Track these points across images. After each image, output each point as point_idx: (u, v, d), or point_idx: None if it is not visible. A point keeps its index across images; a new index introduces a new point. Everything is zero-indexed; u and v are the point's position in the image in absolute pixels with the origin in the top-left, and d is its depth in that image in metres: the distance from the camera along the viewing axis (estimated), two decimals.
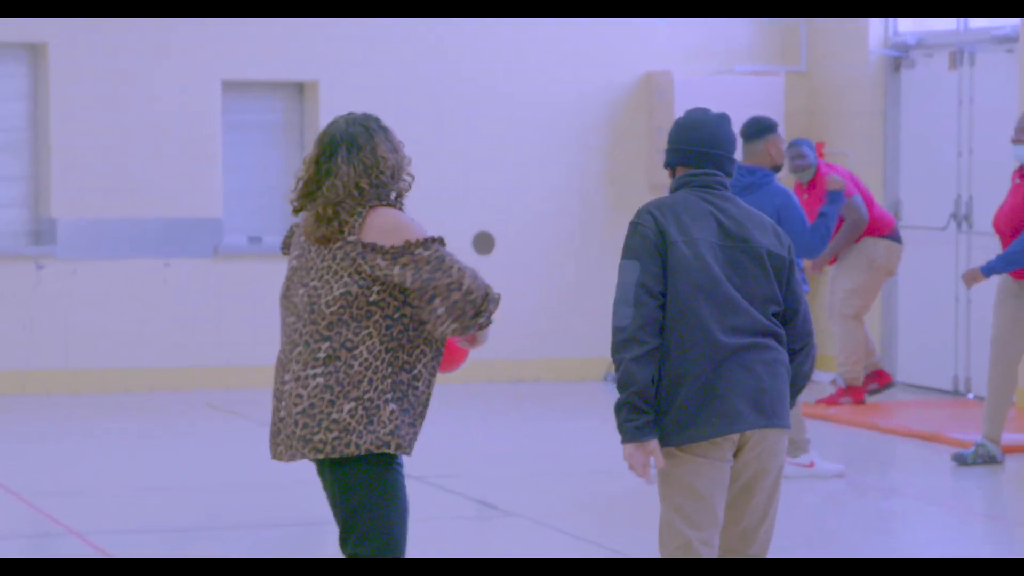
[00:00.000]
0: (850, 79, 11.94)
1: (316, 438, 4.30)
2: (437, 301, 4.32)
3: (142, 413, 10.67)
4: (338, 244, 4.34)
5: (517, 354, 11.66)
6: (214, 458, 9.24)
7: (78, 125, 11.19)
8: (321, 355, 4.31)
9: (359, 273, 4.33)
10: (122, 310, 11.22)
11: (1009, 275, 8.46)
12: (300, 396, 4.32)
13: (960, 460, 8.49)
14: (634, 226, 4.47)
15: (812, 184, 10.10)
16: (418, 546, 5.69)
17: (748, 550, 4.47)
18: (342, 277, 4.33)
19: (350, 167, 4.37)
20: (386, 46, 11.59)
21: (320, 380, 4.31)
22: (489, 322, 4.44)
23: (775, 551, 4.59)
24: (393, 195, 4.48)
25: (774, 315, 4.46)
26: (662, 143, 4.78)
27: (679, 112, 4.52)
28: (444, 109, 11.57)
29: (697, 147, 4.55)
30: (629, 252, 4.44)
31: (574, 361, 11.94)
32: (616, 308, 4.42)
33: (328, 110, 11.54)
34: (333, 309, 4.33)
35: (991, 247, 11.06)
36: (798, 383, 4.54)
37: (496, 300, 4.47)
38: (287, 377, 4.37)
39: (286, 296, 4.47)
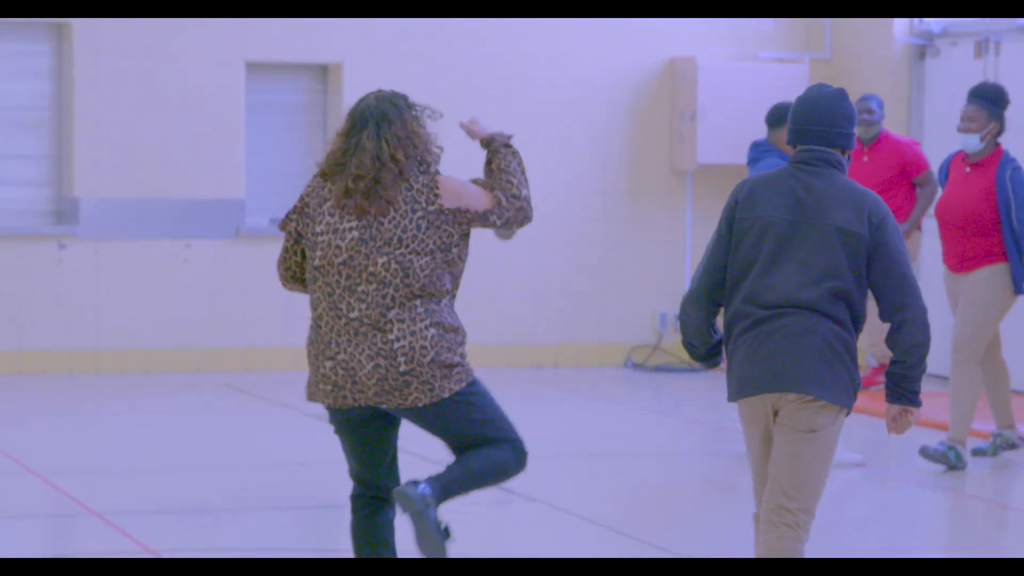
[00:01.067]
0: (875, 67, 11.89)
1: (449, 380, 4.79)
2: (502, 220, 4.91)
3: (163, 393, 10.71)
4: (419, 214, 4.74)
5: (536, 339, 11.68)
6: (232, 438, 9.27)
7: (101, 105, 11.21)
8: (420, 310, 4.75)
9: (449, 236, 4.79)
10: (144, 290, 11.26)
11: (995, 262, 8.24)
12: (425, 348, 4.75)
13: (980, 454, 8.45)
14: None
15: (874, 146, 9.88)
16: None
17: (775, 500, 4.68)
18: (429, 243, 4.76)
19: (381, 142, 4.71)
20: (410, 28, 11.58)
21: (433, 331, 4.76)
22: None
23: None
24: (433, 168, 4.87)
25: (834, 289, 4.65)
26: (685, 128, 4.92)
27: (702, 98, 4.56)
28: (469, 91, 11.55)
29: (804, 125, 4.80)
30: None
31: (593, 347, 11.94)
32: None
33: (352, 92, 11.50)
34: (427, 272, 4.76)
35: None
36: (900, 357, 4.70)
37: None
38: (392, 335, 4.72)
39: (349, 265, 4.75)
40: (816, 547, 4.87)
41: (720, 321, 4.86)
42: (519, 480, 5.06)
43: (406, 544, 4.89)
